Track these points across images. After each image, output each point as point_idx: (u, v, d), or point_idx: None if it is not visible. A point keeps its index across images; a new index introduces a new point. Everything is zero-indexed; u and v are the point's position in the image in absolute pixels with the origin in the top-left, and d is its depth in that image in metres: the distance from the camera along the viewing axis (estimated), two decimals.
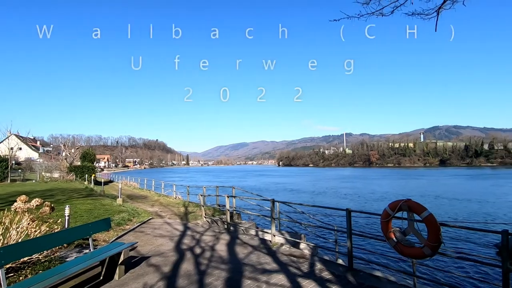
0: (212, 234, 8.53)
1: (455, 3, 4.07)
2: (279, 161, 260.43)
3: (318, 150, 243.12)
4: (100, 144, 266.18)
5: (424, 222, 4.15)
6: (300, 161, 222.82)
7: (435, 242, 4.02)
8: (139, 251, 6.75)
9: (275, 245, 7.21)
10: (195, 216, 11.68)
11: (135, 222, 10.00)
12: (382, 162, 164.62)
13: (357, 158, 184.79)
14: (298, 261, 5.95)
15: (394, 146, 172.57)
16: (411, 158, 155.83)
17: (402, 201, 4.38)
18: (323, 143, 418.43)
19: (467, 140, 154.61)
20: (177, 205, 15.03)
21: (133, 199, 18.32)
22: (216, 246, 7.20)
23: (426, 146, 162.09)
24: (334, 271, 5.37)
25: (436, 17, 4.28)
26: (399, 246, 4.45)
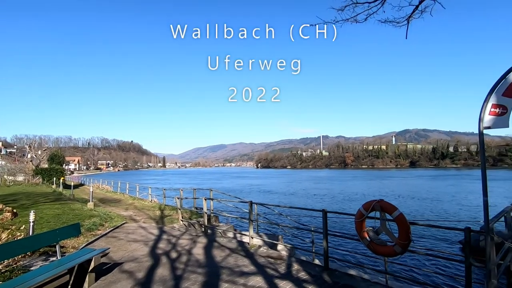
0: (189, 237, 8.36)
1: (424, 12, 4.31)
2: (257, 163, 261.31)
3: (296, 152, 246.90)
4: (70, 145, 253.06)
5: (395, 221, 4.33)
6: (278, 163, 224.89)
7: (405, 240, 4.20)
8: (112, 257, 6.47)
9: (253, 247, 7.20)
10: (172, 220, 11.41)
11: (108, 227, 9.59)
12: (357, 164, 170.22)
13: (333, 160, 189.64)
14: (276, 263, 5.98)
15: (368, 149, 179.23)
16: (383, 160, 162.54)
17: (375, 201, 4.54)
18: (301, 145, 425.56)
19: (434, 143, 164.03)
20: (153, 208, 14.60)
21: (105, 203, 17.57)
22: (193, 249, 7.07)
23: (397, 149, 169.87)
24: (311, 271, 5.45)
25: (406, 25, 4.51)
26: (372, 245, 4.60)
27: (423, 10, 4.37)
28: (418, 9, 4.36)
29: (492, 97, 3.62)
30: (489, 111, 3.64)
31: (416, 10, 4.36)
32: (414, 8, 4.36)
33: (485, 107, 3.64)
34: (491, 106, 3.63)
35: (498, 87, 3.58)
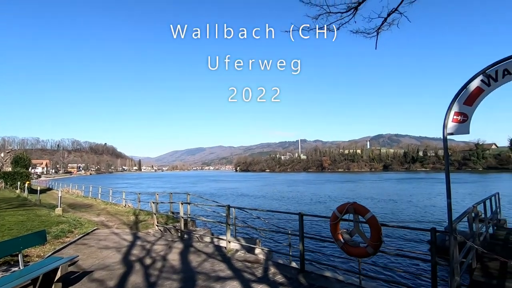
0: (165, 243, 8.15)
1: (392, 25, 4.55)
2: (236, 167, 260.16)
3: (275, 155, 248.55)
4: (37, 147, 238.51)
5: (368, 223, 4.49)
6: (257, 166, 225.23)
7: (377, 241, 4.36)
8: (81, 265, 6.16)
9: (230, 251, 7.15)
10: (147, 225, 11.06)
11: (77, 234, 9.12)
12: (334, 167, 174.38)
13: (311, 164, 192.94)
14: (253, 267, 5.97)
15: (344, 153, 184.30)
16: (359, 164, 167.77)
17: (349, 204, 4.69)
18: (280, 149, 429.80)
19: (405, 148, 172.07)
20: (127, 213, 14.08)
21: (75, 208, 16.71)
22: (169, 255, 6.90)
23: (371, 153, 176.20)
24: (287, 274, 5.50)
25: (376, 37, 4.73)
26: (346, 246, 4.73)
27: (391, 23, 4.62)
28: (386, 22, 4.59)
29: (454, 105, 3.87)
30: (452, 118, 3.89)
31: (385, 22, 4.59)
32: (383, 20, 4.60)
33: (449, 115, 3.89)
34: (454, 113, 3.88)
35: (460, 96, 3.84)
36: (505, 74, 3.56)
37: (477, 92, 3.76)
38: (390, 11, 4.75)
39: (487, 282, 4.89)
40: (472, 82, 3.76)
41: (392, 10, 4.72)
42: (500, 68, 3.57)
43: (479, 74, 3.71)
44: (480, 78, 3.72)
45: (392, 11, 4.72)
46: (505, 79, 3.60)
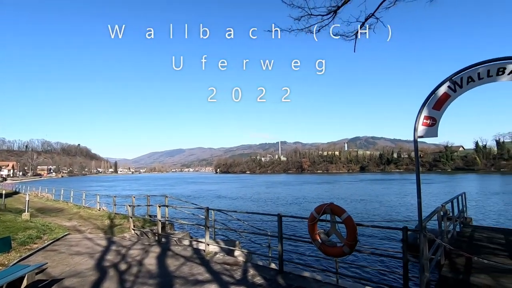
0: (141, 247, 7.92)
1: (369, 29, 4.73)
2: (216, 168, 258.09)
3: (255, 157, 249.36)
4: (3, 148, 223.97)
5: (344, 223, 4.60)
6: (238, 168, 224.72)
7: (353, 241, 4.48)
8: (50, 273, 5.84)
9: (209, 254, 7.07)
10: (122, 229, 10.70)
11: (46, 240, 8.65)
12: (313, 169, 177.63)
13: (291, 165, 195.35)
14: (232, 269, 5.94)
15: (323, 154, 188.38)
16: (337, 165, 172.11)
17: (326, 204, 4.79)
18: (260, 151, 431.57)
19: (381, 150, 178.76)
20: (101, 217, 13.55)
21: (45, 213, 15.84)
22: (145, 260, 6.71)
23: (349, 154, 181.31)
24: (266, 275, 5.52)
25: (354, 40, 4.89)
26: (323, 246, 4.82)
27: (368, 27, 4.80)
28: (364, 26, 4.78)
29: (424, 110, 4.08)
30: (422, 122, 4.10)
31: (363, 26, 4.77)
32: (361, 24, 4.78)
33: (419, 119, 4.09)
34: (424, 117, 4.08)
35: (429, 102, 4.05)
36: (469, 81, 3.80)
37: (444, 97, 3.99)
38: (367, 16, 4.93)
39: (454, 277, 5.16)
40: (440, 88, 3.99)
41: (369, 15, 4.91)
42: (464, 76, 3.81)
43: (446, 80, 3.93)
44: (447, 84, 3.95)
45: (369, 16, 4.90)
46: (469, 86, 3.84)
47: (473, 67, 3.73)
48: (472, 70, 3.74)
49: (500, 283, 4.83)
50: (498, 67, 3.57)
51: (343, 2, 4.59)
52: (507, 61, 3.51)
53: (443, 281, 5.04)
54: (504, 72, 3.55)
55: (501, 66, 3.55)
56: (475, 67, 3.71)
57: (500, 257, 6.36)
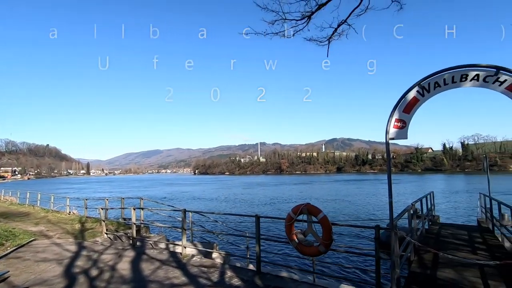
0: (114, 251, 7.62)
1: (341, 35, 4.88)
2: (195, 169, 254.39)
3: (234, 158, 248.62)
4: None
5: (320, 223, 4.70)
6: (217, 169, 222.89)
7: (328, 240, 4.59)
8: (12, 281, 5.47)
9: (186, 257, 6.94)
10: (94, 233, 10.24)
11: (9, 247, 8.09)
12: (292, 170, 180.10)
13: (270, 166, 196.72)
14: (209, 271, 5.87)
15: (302, 155, 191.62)
16: (315, 166, 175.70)
17: (303, 205, 4.87)
18: (239, 152, 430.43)
19: (357, 151, 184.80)
20: (71, 221, 12.88)
21: (8, 217, 14.80)
22: (118, 265, 6.46)
23: (326, 156, 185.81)
24: (244, 276, 5.51)
25: (327, 45, 5.02)
26: (300, 246, 4.90)
27: (341, 33, 4.96)
28: (337, 32, 4.92)
29: (395, 113, 4.26)
30: (393, 125, 4.28)
31: (335, 32, 4.92)
32: (334, 30, 4.92)
33: (390, 121, 4.27)
34: (395, 120, 4.27)
35: (399, 105, 4.24)
36: (435, 86, 4.02)
37: (413, 101, 4.19)
38: (339, 22, 5.09)
39: (422, 272, 5.43)
40: (410, 93, 4.19)
41: (341, 22, 5.07)
42: (431, 81, 4.03)
43: (415, 85, 4.14)
44: (416, 89, 4.16)
45: (341, 23, 5.07)
46: (436, 91, 4.07)
47: (439, 73, 3.95)
48: (439, 76, 3.96)
49: (464, 276, 5.14)
50: (461, 73, 3.81)
51: (317, 8, 4.70)
52: (469, 68, 3.75)
53: (412, 276, 5.28)
54: (467, 79, 3.80)
55: (464, 73, 3.80)
56: (441, 73, 3.94)
57: (463, 252, 6.77)
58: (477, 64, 3.70)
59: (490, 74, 3.62)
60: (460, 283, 4.84)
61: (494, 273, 5.24)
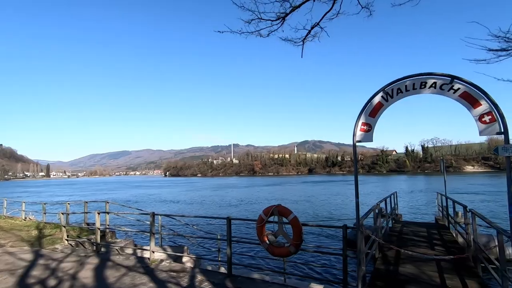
0: (76, 259, 7.16)
1: (315, 37, 5.02)
2: (166, 171, 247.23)
3: (207, 160, 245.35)
4: None
5: (290, 223, 4.77)
6: (189, 171, 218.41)
7: (298, 240, 4.67)
8: None
9: (154, 262, 6.70)
10: (53, 240, 9.55)
11: None
12: (264, 171, 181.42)
13: (243, 168, 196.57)
14: (178, 276, 5.71)
15: (274, 157, 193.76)
16: (287, 168, 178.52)
17: (274, 206, 4.91)
18: (212, 153, 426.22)
19: (327, 153, 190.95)
20: (27, 228, 11.90)
21: None
22: (80, 273, 6.07)
23: (298, 157, 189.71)
24: (214, 280, 5.43)
25: (302, 46, 5.14)
26: (270, 247, 4.93)
27: (314, 35, 5.10)
28: (310, 34, 5.06)
29: (361, 117, 4.45)
30: (360, 128, 4.46)
31: (309, 34, 5.05)
32: (307, 32, 5.05)
33: (357, 125, 4.45)
34: (361, 124, 4.45)
35: (366, 109, 4.43)
36: (398, 92, 4.26)
37: (378, 106, 4.41)
38: (313, 24, 5.23)
39: (386, 269, 5.72)
40: (375, 98, 4.40)
41: (314, 24, 5.21)
42: (394, 87, 4.27)
43: (380, 91, 4.36)
44: (381, 94, 4.38)
45: (314, 25, 5.21)
46: (398, 96, 4.31)
47: (401, 80, 4.20)
48: (401, 82, 4.21)
49: (423, 271, 5.49)
50: (421, 81, 4.08)
51: (291, 10, 4.79)
52: (427, 76, 4.03)
53: (377, 273, 5.53)
54: (426, 86, 4.07)
55: (423, 81, 4.07)
56: (403, 80, 4.18)
57: (422, 248, 7.23)
58: (434, 73, 3.98)
59: (446, 82, 3.92)
60: (419, 278, 5.16)
61: (449, 267, 5.66)
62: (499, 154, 3.50)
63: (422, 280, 5.03)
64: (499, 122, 3.57)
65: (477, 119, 3.74)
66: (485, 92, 3.68)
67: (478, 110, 3.73)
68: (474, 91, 3.76)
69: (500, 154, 3.49)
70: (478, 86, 3.73)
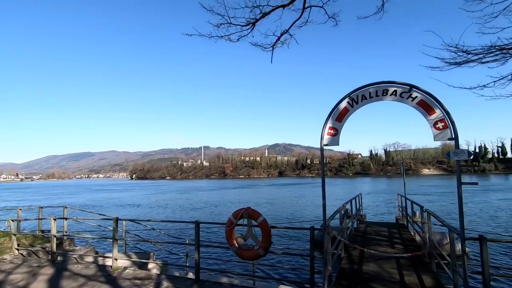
0: (28, 270, 6.58)
1: (284, 44, 5.13)
2: (132, 174, 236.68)
3: (177, 162, 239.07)
4: None
5: (260, 226, 4.78)
6: (157, 174, 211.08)
7: (267, 243, 4.69)
8: None
9: (117, 270, 6.35)
10: (1, 250, 8.68)
11: None
12: (235, 174, 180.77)
13: (213, 170, 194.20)
14: (143, 284, 5.47)
15: (245, 160, 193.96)
16: (258, 170, 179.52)
17: (243, 209, 4.89)
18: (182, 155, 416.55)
19: (297, 156, 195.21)
20: None
21: None
22: (32, 285, 5.59)
23: (269, 160, 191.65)
24: (181, 286, 5.28)
25: (272, 51, 5.21)
26: (239, 251, 4.90)
27: (284, 42, 5.20)
28: (280, 40, 5.16)
29: (329, 121, 4.60)
30: (327, 132, 4.61)
31: (279, 40, 5.15)
32: (277, 38, 5.14)
33: (324, 129, 4.59)
34: (328, 128, 4.60)
35: (333, 114, 4.59)
36: (362, 98, 4.47)
37: (344, 111, 4.59)
38: (282, 31, 5.34)
39: (350, 268, 5.94)
40: (341, 103, 4.58)
41: (284, 31, 5.32)
42: (359, 94, 4.48)
43: (346, 97, 4.54)
44: (347, 100, 4.56)
45: (284, 32, 5.32)
46: (363, 102, 4.52)
47: (365, 87, 4.41)
48: (365, 89, 4.42)
49: (384, 268, 5.78)
50: (383, 88, 4.32)
51: (261, 16, 4.85)
52: (389, 84, 4.27)
53: (342, 272, 5.72)
54: (387, 93, 4.32)
55: (385, 88, 4.31)
56: (367, 87, 4.40)
57: (384, 247, 7.63)
58: (395, 81, 4.24)
59: (405, 91, 4.18)
60: (381, 275, 5.43)
61: (407, 264, 6.02)
62: (450, 158, 3.80)
63: (383, 278, 5.30)
64: (450, 129, 3.88)
65: (432, 125, 4.03)
66: (439, 101, 3.98)
67: (433, 117, 4.02)
68: (429, 99, 4.06)
69: (451, 158, 3.80)
70: (433, 95, 4.02)
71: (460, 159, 3.76)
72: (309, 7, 5.08)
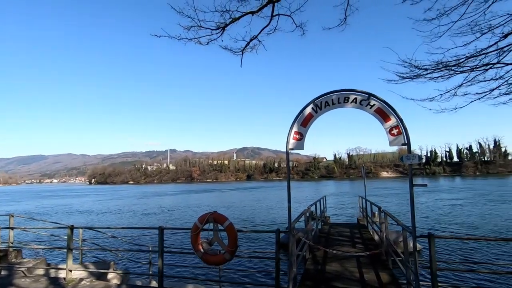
0: None
1: (253, 49, 5.21)
2: (91, 179, 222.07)
3: (140, 166, 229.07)
4: None
5: (226, 230, 4.75)
6: (119, 178, 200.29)
7: (233, 247, 4.68)
8: None
9: (71, 282, 5.91)
10: None
11: None
12: (203, 178, 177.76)
13: (180, 174, 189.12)
14: None
15: (213, 163, 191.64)
16: (226, 174, 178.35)
17: (209, 213, 4.83)
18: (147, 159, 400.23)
19: (265, 160, 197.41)
20: None
21: None
22: None
23: (237, 164, 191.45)
24: None
25: (241, 56, 5.26)
26: (205, 256, 4.82)
27: (253, 47, 5.29)
28: (249, 45, 5.23)
29: (294, 126, 4.74)
30: (293, 137, 4.74)
31: (248, 45, 5.22)
32: (246, 43, 5.21)
33: (290, 133, 4.72)
34: (294, 132, 4.74)
35: (298, 119, 4.74)
36: (326, 105, 4.68)
37: (309, 116, 4.76)
38: (251, 37, 5.42)
39: (315, 268, 6.13)
40: (306, 108, 4.74)
41: (253, 37, 5.41)
42: (323, 100, 4.68)
43: (311, 103, 4.72)
44: (311, 106, 4.74)
45: (253, 38, 5.40)
46: (326, 109, 4.73)
47: (328, 94, 4.62)
48: (328, 96, 4.63)
49: (345, 268, 6.05)
50: (344, 96, 4.56)
51: (230, 21, 4.89)
52: (350, 92, 4.52)
53: (307, 273, 5.88)
54: (349, 101, 4.56)
55: (347, 96, 4.55)
56: (330, 94, 4.62)
57: (346, 247, 7.98)
58: (355, 89, 4.50)
59: (364, 99, 4.45)
60: (343, 274, 5.67)
61: (367, 262, 6.36)
62: (403, 162, 4.11)
63: (345, 276, 5.54)
64: (403, 135, 4.21)
65: (388, 131, 4.34)
66: (394, 109, 4.30)
67: (388, 124, 4.33)
68: (385, 107, 4.36)
69: (404, 162, 4.11)
70: (388, 104, 4.33)
71: (412, 163, 4.09)
72: (277, 15, 5.22)
